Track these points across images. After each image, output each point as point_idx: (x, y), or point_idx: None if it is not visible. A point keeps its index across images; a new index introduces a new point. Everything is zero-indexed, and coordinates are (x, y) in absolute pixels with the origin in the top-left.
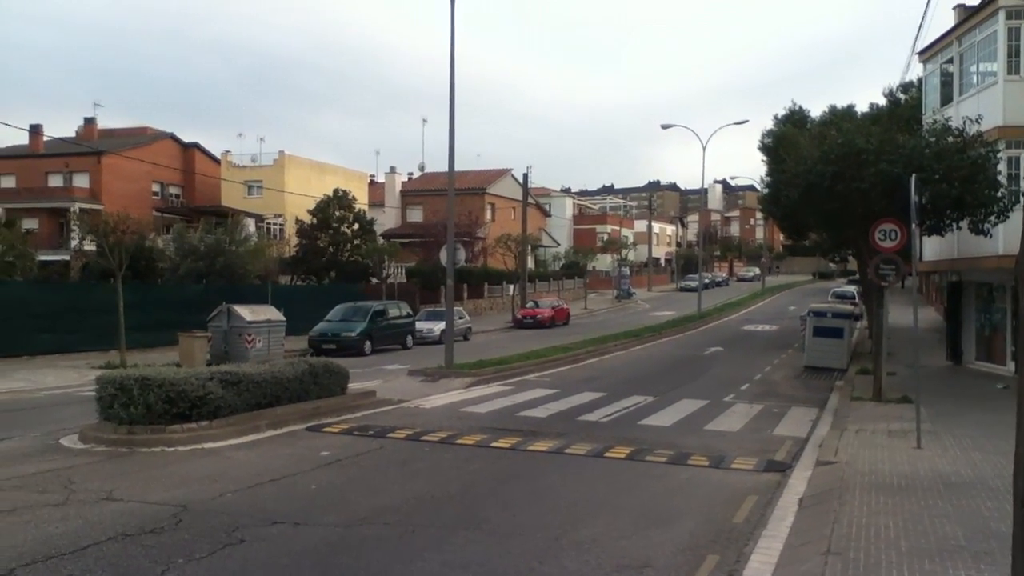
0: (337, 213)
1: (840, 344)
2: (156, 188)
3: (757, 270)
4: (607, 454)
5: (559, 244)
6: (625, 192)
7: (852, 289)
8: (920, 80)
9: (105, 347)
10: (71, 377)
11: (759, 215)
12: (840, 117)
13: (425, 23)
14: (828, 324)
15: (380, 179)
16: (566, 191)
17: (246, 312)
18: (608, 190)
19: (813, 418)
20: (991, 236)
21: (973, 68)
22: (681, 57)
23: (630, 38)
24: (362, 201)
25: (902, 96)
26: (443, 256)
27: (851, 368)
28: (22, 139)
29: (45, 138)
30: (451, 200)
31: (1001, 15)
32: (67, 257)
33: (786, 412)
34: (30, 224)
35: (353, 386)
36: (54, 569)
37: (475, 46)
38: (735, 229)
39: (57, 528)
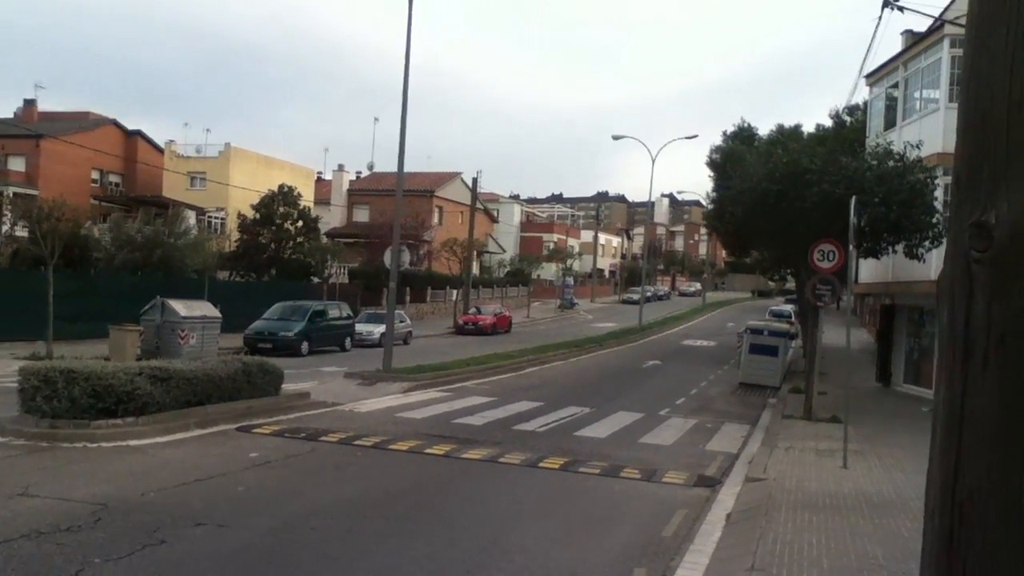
0: (281, 209)
1: (775, 362)
2: (96, 175)
3: (699, 285)
4: (542, 464)
5: (505, 251)
6: (574, 201)
7: (789, 308)
8: (866, 103)
9: (32, 337)
10: None
11: (703, 231)
12: (787, 136)
13: (384, 18)
14: (764, 342)
15: (328, 176)
16: (515, 198)
17: (181, 307)
18: (557, 199)
19: (745, 434)
20: (924, 261)
21: (917, 94)
22: (640, 64)
23: (588, 43)
24: (308, 198)
25: (848, 118)
26: (388, 258)
27: (784, 386)
28: None
29: None
30: (399, 202)
31: (946, 43)
32: None
33: (719, 428)
34: None
35: (288, 387)
36: None
37: (431, 44)
38: (679, 244)
39: None
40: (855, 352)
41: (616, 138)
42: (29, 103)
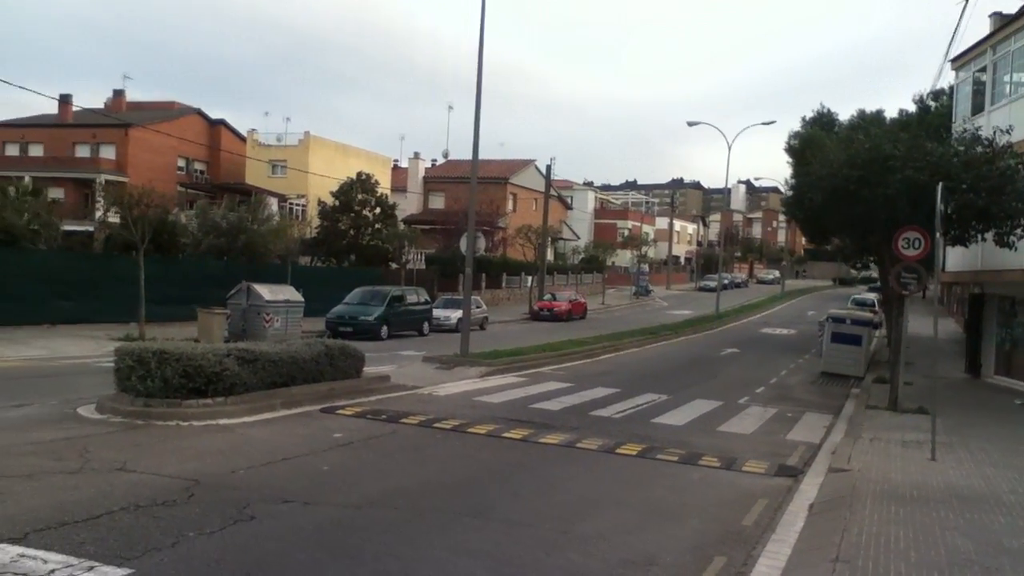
0: (359, 196)
1: (858, 351)
2: (181, 163)
3: (777, 273)
4: (618, 450)
5: (579, 238)
6: (648, 188)
7: (872, 296)
8: (952, 88)
9: (125, 319)
10: (90, 347)
11: (782, 218)
12: (868, 122)
13: (456, 10)
14: (847, 331)
15: (404, 164)
16: (588, 184)
17: (265, 291)
18: (631, 185)
19: (827, 424)
20: (1016, 249)
21: (1007, 77)
22: (712, 57)
23: (664, 34)
24: (385, 185)
25: (932, 103)
26: (463, 244)
27: (868, 376)
28: (51, 108)
29: (74, 108)
30: (473, 188)
31: None
32: (91, 228)
33: (800, 417)
34: (56, 193)
35: (368, 370)
36: (67, 536)
37: (504, 35)
38: (757, 231)
39: (71, 495)
40: (942, 342)
41: (691, 124)
42: (118, 93)
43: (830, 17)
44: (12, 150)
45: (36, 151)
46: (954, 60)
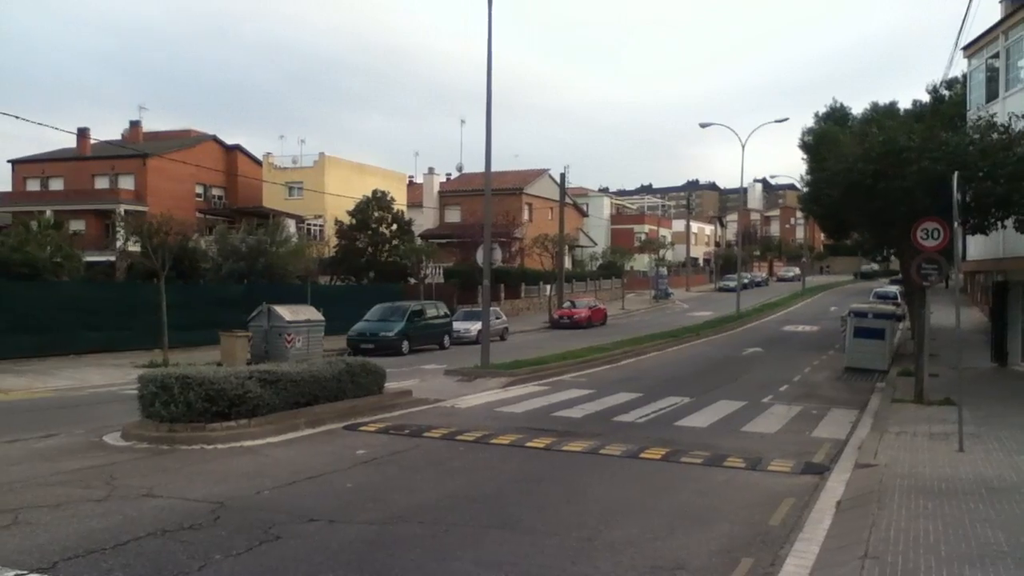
0: (376, 214)
1: (881, 345)
2: (199, 189)
3: (797, 270)
4: (642, 455)
5: (596, 244)
6: (663, 191)
7: (894, 289)
8: (964, 76)
9: (149, 346)
10: (115, 375)
11: (799, 214)
12: (882, 115)
13: (464, 25)
14: (869, 325)
15: (419, 180)
16: (604, 191)
17: (286, 312)
18: (646, 189)
19: (853, 420)
20: None
21: (1021, 62)
22: (718, 56)
23: (670, 36)
24: (401, 202)
25: (946, 92)
26: (480, 256)
27: (893, 370)
28: (70, 142)
29: (92, 141)
30: (488, 201)
31: None
32: (113, 258)
33: (825, 414)
34: (77, 225)
35: (390, 385)
36: (95, 563)
37: (513, 47)
38: (775, 228)
39: (99, 523)
40: (967, 332)
41: (704, 126)
42: (134, 124)
43: (836, 12)
44: (33, 185)
45: (57, 185)
46: (966, 48)
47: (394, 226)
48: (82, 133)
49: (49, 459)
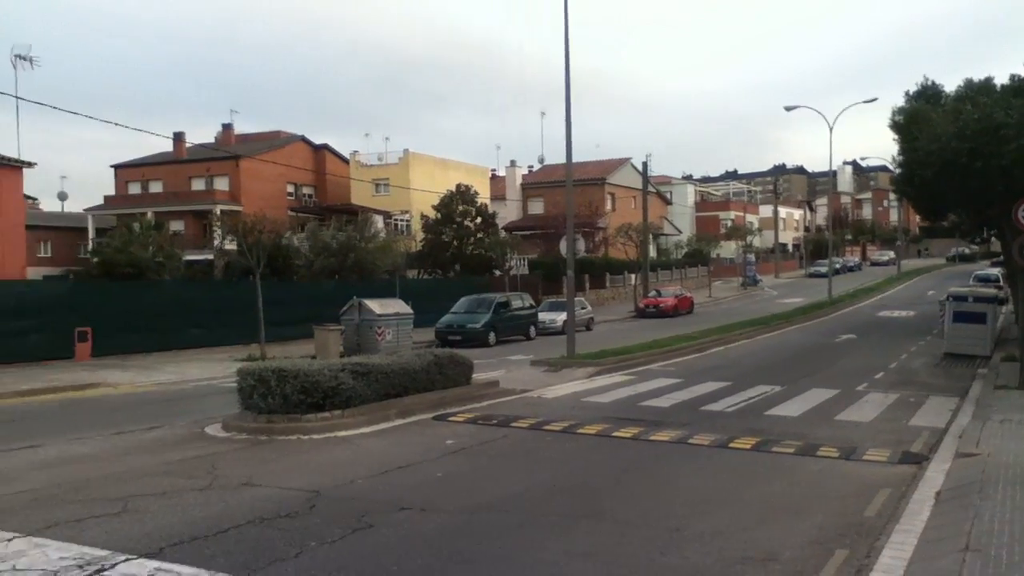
0: (460, 208)
1: (983, 330)
2: (290, 189)
3: (892, 254)
4: (732, 445)
5: (681, 232)
6: (749, 177)
7: (996, 272)
8: None
9: (247, 341)
10: (215, 370)
11: (892, 196)
12: (977, 91)
13: (541, 18)
14: (969, 309)
15: (501, 173)
16: (687, 178)
17: (376, 306)
18: (731, 176)
19: (953, 408)
20: None
21: None
22: (801, 37)
23: (750, 20)
24: (484, 195)
25: None
26: (564, 247)
27: (995, 355)
28: (167, 146)
29: (187, 145)
30: (569, 192)
31: None
32: (211, 256)
33: (924, 402)
34: (177, 226)
35: (477, 376)
36: (197, 549)
37: (591, 41)
38: (867, 212)
39: (201, 511)
40: None
41: (788, 109)
42: (226, 127)
43: None
44: (134, 188)
45: (156, 187)
46: None
47: (478, 219)
48: (178, 137)
49: (154, 450)
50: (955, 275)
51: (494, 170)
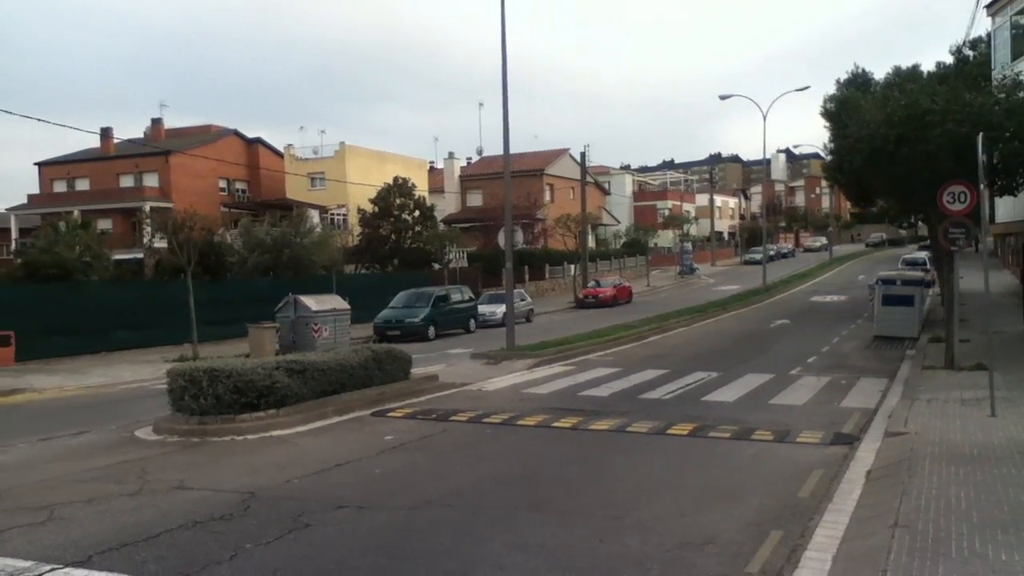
0: (398, 201)
1: (911, 312)
2: (223, 184)
3: (825, 240)
4: (670, 431)
5: (619, 222)
6: (686, 166)
7: (923, 255)
8: (988, 35)
9: (179, 341)
10: (146, 372)
11: (824, 184)
12: (905, 78)
13: (478, 9)
14: (898, 292)
15: (439, 165)
16: (625, 168)
17: (312, 302)
18: (668, 165)
19: (883, 389)
20: None
21: None
22: (737, 29)
23: (687, 10)
24: (422, 188)
25: (970, 53)
26: (502, 239)
27: (923, 337)
28: (94, 142)
29: (115, 140)
30: (507, 183)
31: None
32: (140, 255)
33: (855, 384)
34: (104, 225)
35: (417, 371)
36: (128, 556)
37: (528, 33)
38: (800, 199)
39: (132, 517)
40: (998, 296)
41: (723, 98)
42: (156, 122)
43: None
44: (60, 186)
45: (82, 185)
46: (989, 6)
47: (416, 212)
48: (105, 133)
49: (82, 456)
50: (885, 259)
51: (432, 162)
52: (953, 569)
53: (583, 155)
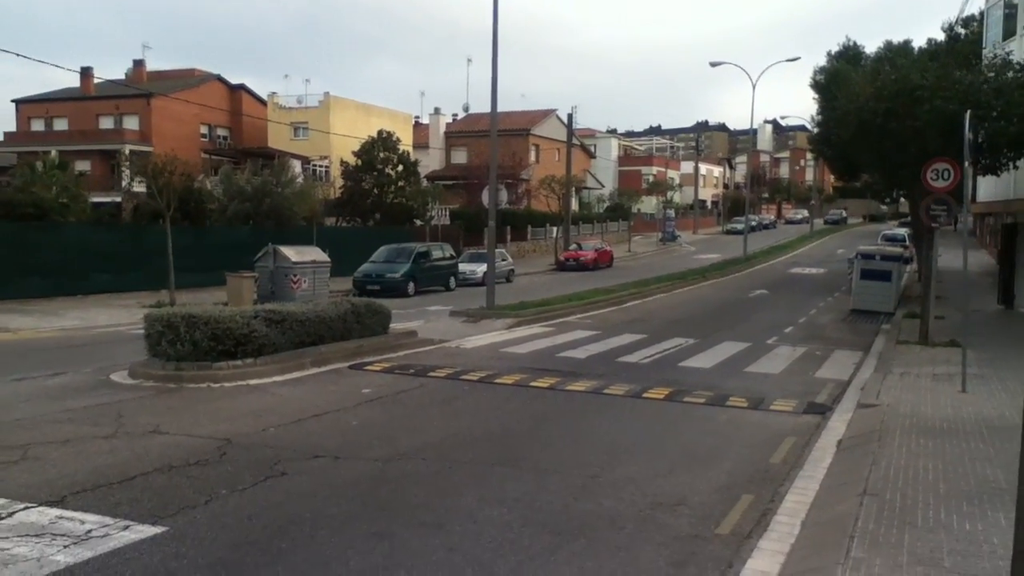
0: (382, 155)
1: (888, 287)
2: (204, 130)
3: (806, 212)
4: (646, 395)
5: (604, 186)
6: (672, 133)
7: (903, 232)
8: (981, 13)
9: (156, 287)
10: (122, 316)
11: (810, 156)
12: (896, 53)
13: None
14: (876, 267)
15: (425, 120)
16: (612, 132)
17: (292, 253)
18: (655, 131)
19: (857, 361)
20: None
21: None
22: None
23: None
24: (407, 143)
25: (962, 31)
26: (486, 198)
27: (899, 312)
28: (73, 82)
29: (96, 81)
30: (494, 141)
31: None
32: (119, 199)
33: (829, 355)
34: (82, 166)
35: (395, 326)
36: (103, 497)
37: None
38: (785, 171)
39: (106, 459)
40: (974, 274)
41: (714, 65)
42: (138, 64)
43: None
44: (37, 125)
45: (61, 125)
46: None
47: (400, 167)
48: (85, 73)
49: (57, 397)
50: (865, 234)
51: (418, 117)
52: (918, 537)
53: (570, 116)
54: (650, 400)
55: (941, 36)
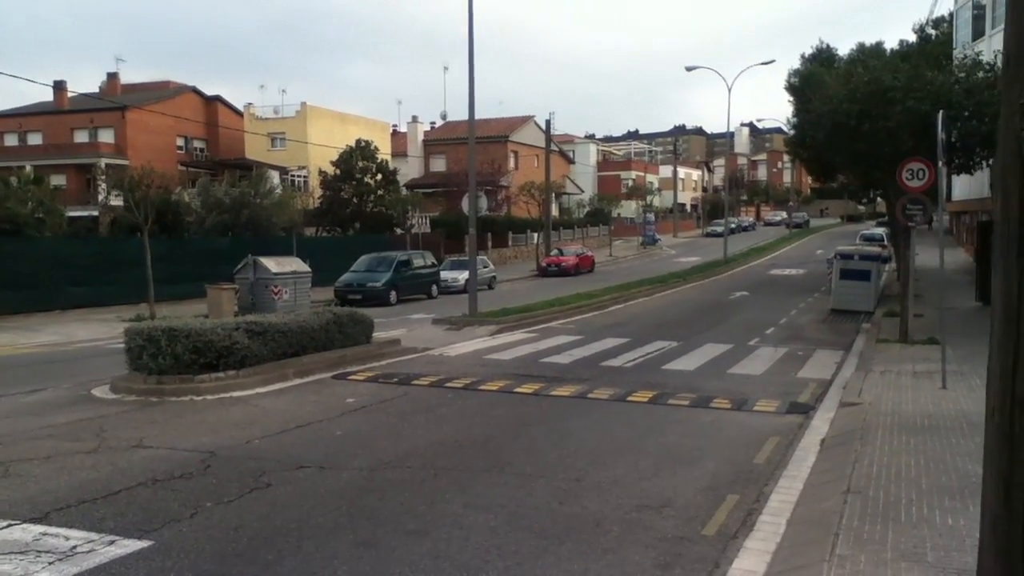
0: (360, 164)
1: (867, 287)
2: (180, 142)
3: (784, 214)
4: (630, 398)
5: (583, 191)
6: (650, 137)
7: (881, 231)
8: (951, 14)
9: (135, 300)
10: (101, 330)
11: (787, 158)
12: (868, 55)
13: None
14: (855, 267)
15: (403, 129)
16: (590, 137)
17: (272, 264)
18: (633, 136)
19: (838, 360)
20: None
21: None
22: (705, 3)
23: None
24: (385, 151)
25: (933, 32)
26: (466, 205)
27: (878, 311)
28: (47, 95)
29: (70, 94)
30: (472, 149)
31: None
32: (95, 212)
33: (811, 355)
34: (58, 180)
35: (378, 335)
36: (86, 513)
37: None
38: (762, 173)
39: (89, 474)
40: (952, 272)
41: (690, 69)
42: (112, 76)
43: None
44: (11, 140)
45: (35, 139)
46: None
47: (379, 176)
48: (59, 86)
49: (37, 413)
50: (844, 235)
51: (395, 125)
52: (902, 533)
53: (548, 123)
54: (634, 403)
55: (912, 37)
